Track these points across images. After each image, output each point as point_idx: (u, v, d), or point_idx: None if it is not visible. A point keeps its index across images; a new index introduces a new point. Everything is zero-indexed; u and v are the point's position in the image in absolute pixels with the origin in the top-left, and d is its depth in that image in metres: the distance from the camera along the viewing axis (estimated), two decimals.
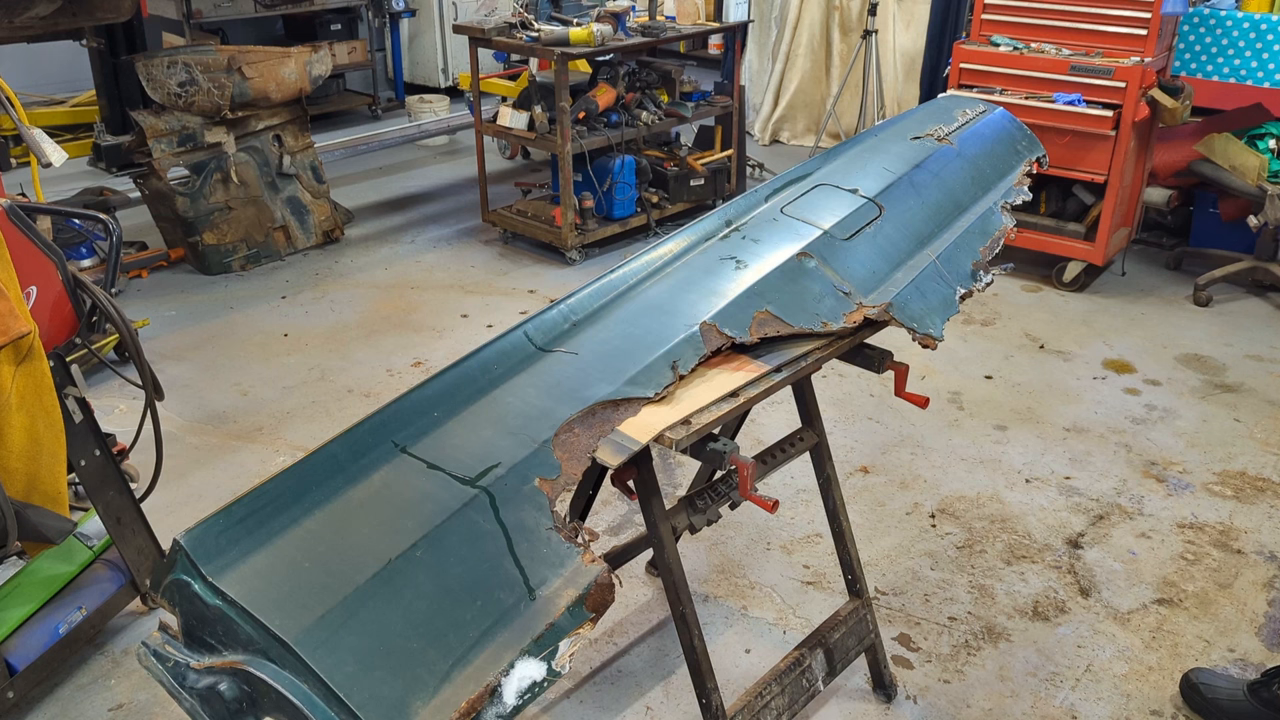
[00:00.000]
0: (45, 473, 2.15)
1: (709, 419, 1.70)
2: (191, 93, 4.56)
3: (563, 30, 4.78)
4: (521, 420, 1.67)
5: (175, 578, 1.46)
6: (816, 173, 2.40)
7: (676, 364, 1.78)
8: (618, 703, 2.43)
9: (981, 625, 2.67)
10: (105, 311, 2.32)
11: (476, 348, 1.80)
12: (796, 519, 3.09)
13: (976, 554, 2.95)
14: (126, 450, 2.94)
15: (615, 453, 1.62)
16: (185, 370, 4.01)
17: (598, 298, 1.94)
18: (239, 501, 1.52)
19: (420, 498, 1.55)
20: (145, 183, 4.74)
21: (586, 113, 4.98)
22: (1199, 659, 2.56)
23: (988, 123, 2.69)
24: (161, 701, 2.41)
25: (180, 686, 1.41)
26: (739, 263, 2.03)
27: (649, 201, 5.35)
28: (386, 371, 3.99)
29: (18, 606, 2.41)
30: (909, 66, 6.60)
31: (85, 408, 2.35)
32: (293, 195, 5.14)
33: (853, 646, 2.26)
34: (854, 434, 3.56)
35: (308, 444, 3.42)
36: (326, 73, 5.08)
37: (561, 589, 1.45)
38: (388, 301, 4.65)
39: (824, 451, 2.22)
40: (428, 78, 8.03)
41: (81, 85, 6.47)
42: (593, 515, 3.01)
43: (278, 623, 1.36)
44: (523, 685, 1.35)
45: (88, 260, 4.35)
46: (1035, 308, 4.60)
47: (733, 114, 5.65)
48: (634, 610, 2.72)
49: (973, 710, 2.41)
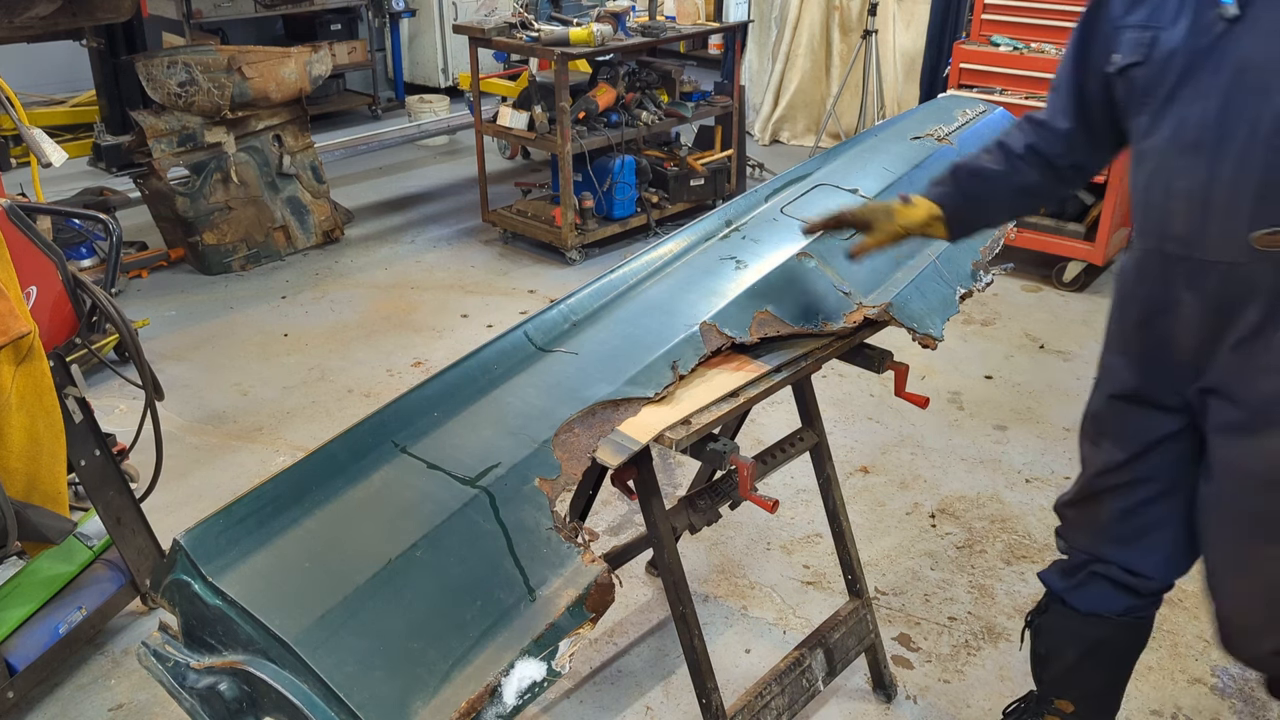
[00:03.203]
0: (45, 473, 2.15)
1: (709, 419, 1.70)
2: (191, 93, 4.56)
3: (563, 30, 4.78)
4: (521, 420, 1.67)
5: (175, 578, 1.46)
6: (816, 173, 2.40)
7: (676, 364, 1.78)
8: (618, 703, 2.43)
9: (981, 625, 2.67)
10: (105, 311, 2.32)
11: (476, 348, 1.80)
12: (796, 519, 3.09)
13: (976, 554, 2.95)
14: (126, 450, 2.94)
15: (615, 453, 1.62)
16: (185, 370, 4.01)
17: (598, 298, 1.94)
18: (239, 501, 1.52)
19: (420, 498, 1.55)
20: (145, 183, 4.74)
21: (586, 113, 4.98)
22: (1198, 659, 2.56)
23: (988, 123, 2.69)
24: (161, 701, 2.41)
25: (180, 686, 1.42)
26: (739, 263, 2.03)
27: (649, 201, 5.35)
28: (386, 371, 3.99)
29: (18, 606, 2.41)
30: (909, 66, 6.60)
31: (85, 408, 2.35)
32: (293, 195, 5.14)
33: (853, 646, 2.26)
34: (854, 434, 3.56)
35: (308, 444, 3.42)
36: (326, 73, 5.08)
37: (561, 589, 1.45)
38: (388, 301, 4.65)
39: (824, 451, 2.22)
40: (428, 78, 8.02)
41: (81, 85, 6.46)
42: (593, 515, 3.01)
43: (278, 623, 1.36)
44: (523, 685, 1.35)
45: (88, 260, 4.35)
46: (1035, 308, 4.60)
47: (733, 114, 5.65)
48: (634, 610, 2.72)
49: (973, 710, 2.41)
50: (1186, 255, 1.61)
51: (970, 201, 1.89)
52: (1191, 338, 1.65)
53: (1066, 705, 2.10)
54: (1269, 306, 1.55)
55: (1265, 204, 1.50)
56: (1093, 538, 1.92)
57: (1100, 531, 1.90)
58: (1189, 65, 1.55)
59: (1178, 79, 1.57)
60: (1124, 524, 1.86)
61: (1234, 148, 1.51)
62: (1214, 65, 1.52)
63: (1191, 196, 1.57)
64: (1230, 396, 1.64)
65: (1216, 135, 1.53)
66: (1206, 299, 1.61)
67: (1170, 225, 1.62)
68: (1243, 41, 1.50)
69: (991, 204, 1.91)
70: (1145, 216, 1.68)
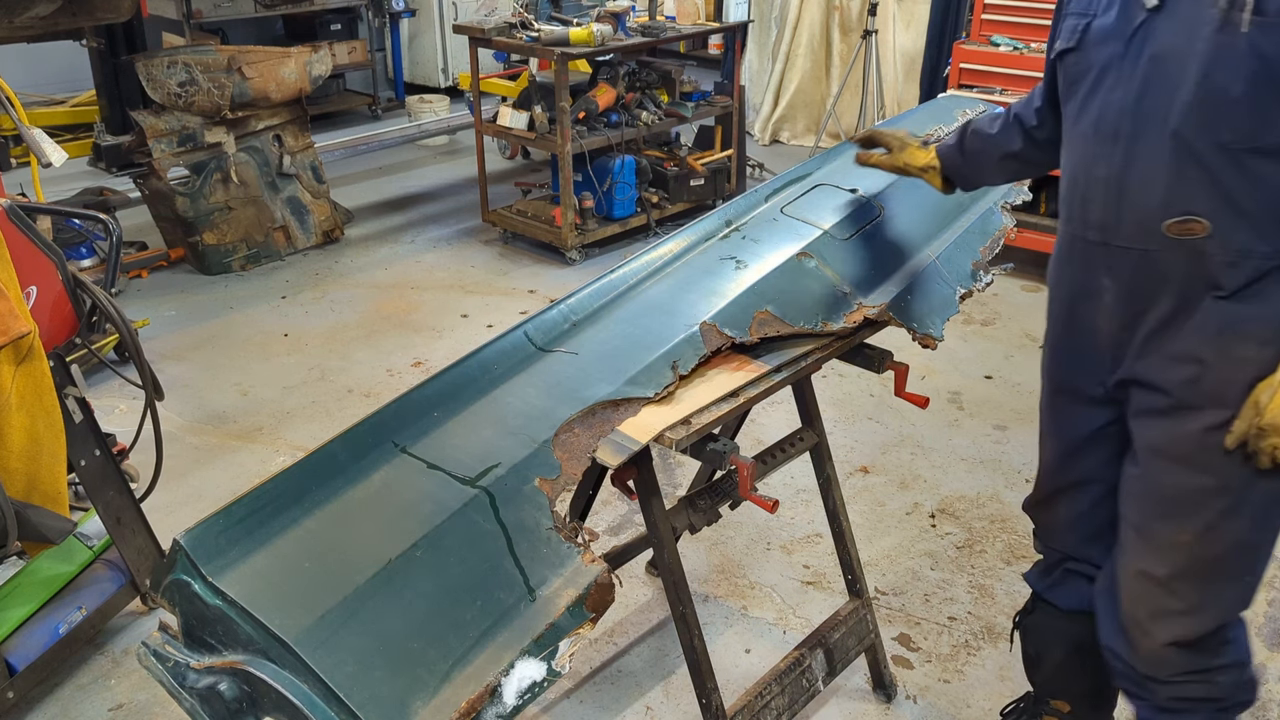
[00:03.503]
0: (45, 473, 2.15)
1: (709, 419, 1.70)
2: (191, 93, 4.56)
3: (563, 30, 4.78)
4: (521, 420, 1.67)
5: (175, 578, 1.46)
6: (816, 173, 2.40)
7: (676, 364, 1.78)
8: (618, 703, 2.43)
9: (981, 625, 2.67)
10: (105, 311, 2.32)
11: (476, 348, 1.80)
12: (796, 519, 3.09)
13: (976, 554, 2.95)
14: (126, 450, 2.94)
15: (615, 453, 1.62)
16: (185, 370, 4.01)
17: (598, 298, 1.94)
18: (239, 501, 1.52)
19: (420, 498, 1.55)
20: (145, 183, 4.74)
21: (586, 113, 4.98)
22: None
23: None
24: (161, 701, 2.41)
25: (180, 686, 1.41)
26: (739, 263, 2.03)
27: (649, 201, 5.35)
28: (386, 371, 3.99)
29: (18, 606, 2.41)
30: (909, 66, 6.59)
31: (85, 408, 2.35)
32: (293, 195, 5.14)
33: (853, 646, 2.26)
34: (854, 434, 3.56)
35: (308, 444, 3.42)
36: (326, 73, 5.08)
37: (561, 589, 1.45)
38: (388, 301, 4.65)
39: (824, 451, 2.22)
40: (428, 78, 8.02)
41: (81, 85, 6.46)
42: (593, 515, 3.01)
43: (278, 623, 1.36)
44: (523, 685, 1.35)
45: (88, 260, 4.35)
46: (1035, 308, 4.59)
47: (733, 114, 5.65)
48: (634, 610, 2.72)
49: (973, 710, 2.41)
50: (1105, 242, 1.64)
51: (967, 159, 2.02)
52: (1112, 324, 1.69)
53: (1063, 705, 2.10)
54: (1180, 295, 1.57)
55: (1175, 193, 1.52)
56: (1060, 537, 1.96)
57: (1065, 531, 1.94)
58: (1113, 54, 1.59)
59: (1102, 67, 1.61)
60: (1083, 524, 1.90)
61: (1147, 136, 1.54)
62: (1134, 54, 1.55)
63: (1109, 184, 1.61)
64: (1149, 384, 1.66)
65: (1133, 124, 1.56)
66: (1123, 286, 1.64)
67: (1090, 212, 1.66)
68: (1160, 31, 1.52)
69: (985, 165, 2.02)
70: (1069, 203, 1.72)
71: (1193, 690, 1.78)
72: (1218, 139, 1.48)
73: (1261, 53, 1.41)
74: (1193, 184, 1.51)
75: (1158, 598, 1.73)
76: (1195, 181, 1.50)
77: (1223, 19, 1.44)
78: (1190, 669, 1.76)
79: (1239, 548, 1.66)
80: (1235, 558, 1.67)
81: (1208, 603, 1.70)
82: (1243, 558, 1.68)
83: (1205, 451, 1.61)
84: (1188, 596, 1.69)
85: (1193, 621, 1.71)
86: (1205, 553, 1.67)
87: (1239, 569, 1.69)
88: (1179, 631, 1.72)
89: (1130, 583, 1.77)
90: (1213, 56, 1.45)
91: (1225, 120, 1.47)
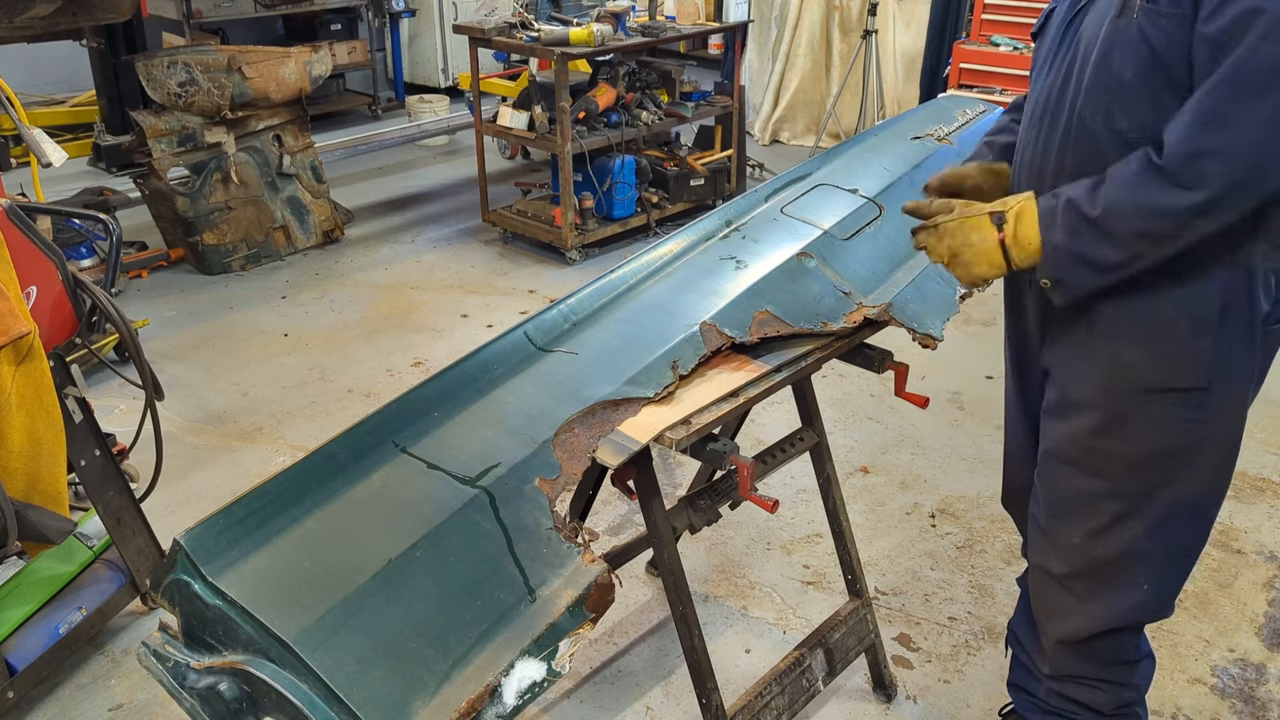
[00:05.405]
0: (45, 473, 2.15)
1: (709, 419, 1.70)
2: (191, 93, 4.56)
3: (563, 30, 4.78)
4: (521, 420, 1.67)
5: (175, 578, 1.46)
6: (816, 173, 2.40)
7: (676, 364, 1.78)
8: (618, 703, 2.43)
9: (981, 625, 2.67)
10: (105, 311, 2.32)
11: (476, 348, 1.80)
12: (796, 519, 3.09)
13: (976, 554, 2.95)
14: (126, 450, 2.94)
15: (615, 453, 1.62)
16: (185, 370, 4.01)
17: (598, 298, 1.95)
18: (239, 501, 1.52)
19: (420, 498, 1.55)
20: (145, 183, 4.74)
21: (586, 113, 4.98)
22: (1198, 659, 2.56)
23: (987, 123, 2.69)
24: (161, 701, 2.41)
25: (180, 686, 1.41)
26: (739, 263, 2.03)
27: (649, 201, 5.35)
28: (386, 371, 3.99)
29: (18, 606, 2.41)
30: (909, 66, 6.60)
31: (85, 408, 2.35)
32: (293, 195, 5.14)
33: (853, 646, 2.26)
34: (854, 434, 3.56)
35: (308, 444, 3.42)
36: (326, 73, 5.07)
37: (561, 589, 1.45)
38: (388, 301, 4.65)
39: (824, 451, 2.22)
40: (428, 78, 8.02)
41: (81, 85, 6.46)
42: (593, 515, 3.01)
43: (278, 623, 1.36)
44: (523, 685, 1.35)
45: (88, 260, 4.35)
46: None
47: (733, 114, 5.65)
48: (634, 610, 2.72)
49: (973, 710, 2.41)
50: None
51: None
52: (1036, 313, 1.70)
53: None
54: None
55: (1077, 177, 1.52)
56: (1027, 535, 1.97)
57: None
58: (1052, 42, 1.61)
59: (1044, 55, 1.63)
60: None
61: (1059, 121, 1.56)
62: (1068, 43, 1.57)
63: (1030, 168, 1.63)
64: (1053, 380, 1.68)
65: (1054, 110, 1.57)
66: None
67: None
68: (1086, 19, 1.54)
69: None
70: (1013, 190, 1.72)
71: (1075, 692, 1.81)
72: (1113, 125, 1.47)
73: (1149, 39, 1.41)
74: (1095, 169, 1.49)
75: (1054, 594, 1.76)
76: (1098, 168, 1.49)
77: (1121, 4, 1.45)
78: (1077, 672, 1.79)
79: (1132, 555, 1.66)
80: (1129, 564, 1.67)
81: (1097, 607, 1.71)
82: (1138, 565, 1.67)
83: (1094, 455, 1.62)
84: (1080, 595, 1.72)
85: (1082, 622, 1.73)
86: (1096, 555, 1.68)
87: (1133, 576, 1.68)
88: (1067, 629, 1.75)
89: (1033, 577, 1.82)
90: (1110, 41, 1.46)
91: (1120, 106, 1.46)
